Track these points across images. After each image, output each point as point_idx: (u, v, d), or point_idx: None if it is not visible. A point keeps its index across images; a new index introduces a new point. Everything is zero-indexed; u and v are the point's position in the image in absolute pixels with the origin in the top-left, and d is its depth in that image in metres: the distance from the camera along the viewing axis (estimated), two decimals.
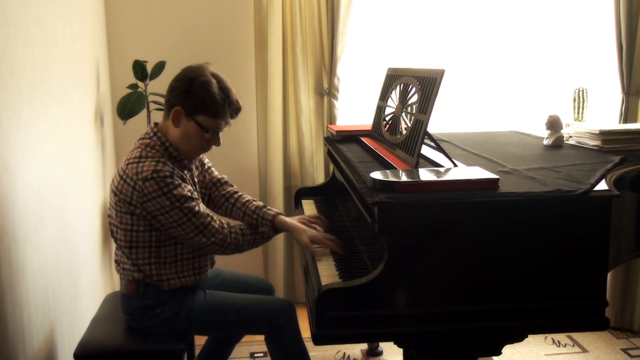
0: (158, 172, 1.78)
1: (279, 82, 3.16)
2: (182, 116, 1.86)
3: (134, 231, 1.86)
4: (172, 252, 1.91)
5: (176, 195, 1.79)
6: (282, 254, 3.31)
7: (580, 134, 2.50)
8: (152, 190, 1.78)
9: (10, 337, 1.67)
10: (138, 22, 3.21)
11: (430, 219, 1.58)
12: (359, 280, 1.57)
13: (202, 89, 1.82)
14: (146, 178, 1.77)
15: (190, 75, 1.85)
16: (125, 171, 1.83)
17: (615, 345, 2.95)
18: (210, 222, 1.88)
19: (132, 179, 1.80)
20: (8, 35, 1.71)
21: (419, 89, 1.95)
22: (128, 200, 1.81)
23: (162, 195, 1.78)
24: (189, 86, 1.83)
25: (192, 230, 1.85)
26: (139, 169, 1.79)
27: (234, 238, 1.94)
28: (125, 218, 1.85)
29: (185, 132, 1.87)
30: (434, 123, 2.95)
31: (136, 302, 1.93)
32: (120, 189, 1.82)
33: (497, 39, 3.42)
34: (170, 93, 1.88)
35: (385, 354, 2.85)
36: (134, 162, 1.82)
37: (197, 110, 1.84)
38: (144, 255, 1.89)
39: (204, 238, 1.87)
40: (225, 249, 1.94)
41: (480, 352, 1.68)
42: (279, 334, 1.98)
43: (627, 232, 1.99)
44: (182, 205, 1.81)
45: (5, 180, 1.67)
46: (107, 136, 3.07)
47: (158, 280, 1.91)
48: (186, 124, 1.86)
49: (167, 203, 1.79)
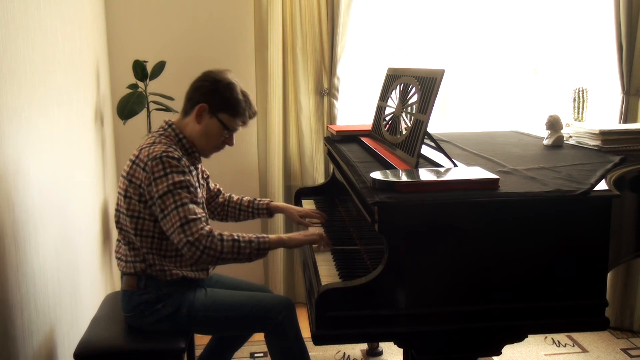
0: (167, 153, 1.85)
1: (279, 82, 3.16)
2: (205, 113, 1.96)
3: (140, 218, 1.89)
4: (173, 245, 1.91)
5: (175, 180, 1.82)
6: (282, 254, 3.32)
7: (580, 134, 2.51)
8: (158, 169, 1.83)
9: (10, 337, 1.68)
10: (138, 22, 3.22)
11: (430, 219, 1.58)
12: (359, 280, 1.57)
13: (227, 90, 1.95)
14: (155, 157, 1.84)
15: (215, 77, 1.97)
16: (138, 156, 1.91)
17: (615, 345, 2.95)
18: (195, 221, 1.79)
19: (142, 160, 1.87)
20: (8, 35, 1.71)
21: (419, 89, 1.95)
22: (138, 184, 1.87)
23: (164, 176, 1.82)
24: (215, 86, 1.95)
25: (175, 222, 1.78)
26: (151, 151, 1.87)
27: (211, 242, 1.80)
28: (132, 204, 1.89)
29: (206, 128, 1.97)
30: (434, 123, 2.95)
31: (137, 298, 1.94)
32: (132, 173, 1.89)
33: (497, 39, 3.42)
34: (194, 91, 1.98)
35: (385, 354, 2.85)
36: (147, 146, 1.91)
37: (221, 108, 1.95)
38: (147, 244, 1.91)
39: (182, 234, 1.78)
40: (201, 252, 1.79)
41: (480, 352, 1.68)
42: (279, 331, 1.99)
43: (627, 232, 1.99)
44: (174, 190, 1.81)
45: (5, 180, 1.67)
46: (107, 136, 3.07)
47: (160, 270, 1.92)
48: (208, 121, 1.96)
49: (164, 185, 1.82)
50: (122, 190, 1.93)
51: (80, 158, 2.51)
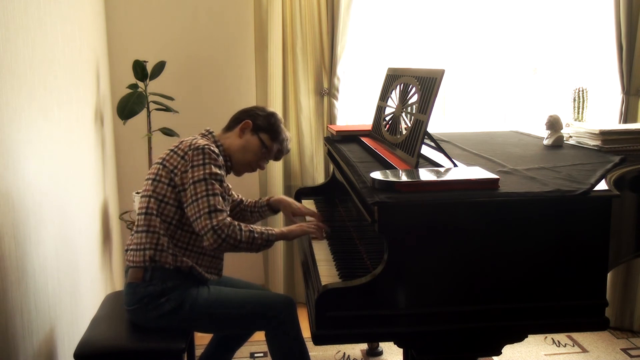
0: (209, 146, 1.99)
1: (279, 82, 3.16)
2: (248, 129, 2.14)
3: (164, 202, 1.98)
4: (186, 238, 2.00)
5: (211, 171, 1.95)
6: (282, 254, 3.32)
7: (580, 134, 2.51)
8: (198, 159, 1.95)
9: (10, 336, 1.68)
10: (138, 22, 3.22)
11: (430, 219, 1.58)
12: (359, 280, 1.57)
13: (272, 117, 2.19)
14: (197, 147, 1.97)
15: (265, 108, 2.23)
16: (178, 146, 2.02)
17: (615, 345, 2.95)
18: (222, 212, 1.92)
19: (183, 150, 1.99)
20: (8, 35, 1.71)
21: (419, 89, 1.96)
22: (171, 169, 1.98)
23: (201, 166, 1.94)
24: (263, 112, 2.19)
25: (203, 208, 1.90)
26: (194, 143, 2.00)
27: (232, 231, 1.90)
28: (160, 187, 1.98)
29: (246, 143, 2.14)
30: (434, 123, 2.95)
31: (142, 290, 1.95)
32: (168, 160, 2.00)
33: (497, 39, 3.43)
34: (242, 113, 2.19)
35: (385, 354, 2.85)
36: (190, 139, 2.04)
37: (263, 129, 2.15)
38: (164, 227, 1.98)
39: (208, 220, 1.89)
40: (222, 240, 1.89)
41: (480, 352, 1.69)
42: (280, 330, 2.00)
43: (627, 232, 1.99)
44: (209, 180, 1.93)
45: (5, 179, 1.67)
46: (107, 136, 3.07)
47: (172, 254, 1.96)
48: (249, 137, 2.14)
49: (200, 173, 1.93)
50: (153, 174, 2.02)
51: (80, 158, 2.51)
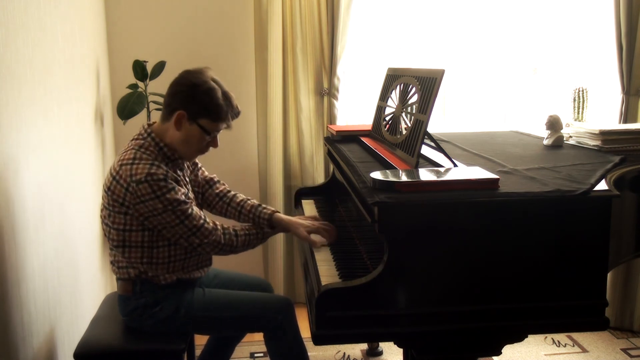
0: (152, 175, 1.78)
1: (279, 82, 3.16)
2: (184, 120, 1.87)
3: (126, 231, 1.86)
4: (165, 253, 1.91)
5: (169, 199, 1.80)
6: (282, 254, 3.31)
7: (580, 134, 2.50)
8: (146, 192, 1.78)
9: (10, 337, 1.68)
10: (138, 22, 3.21)
11: (430, 219, 1.58)
12: (359, 280, 1.57)
13: (206, 95, 1.84)
14: (140, 181, 1.78)
15: (193, 81, 1.86)
16: (118, 172, 1.83)
17: (615, 345, 2.95)
18: (203, 225, 1.88)
19: (125, 180, 1.80)
20: (8, 35, 1.71)
21: (419, 89, 1.95)
22: (120, 201, 1.82)
23: (155, 198, 1.79)
24: (192, 91, 1.84)
25: (185, 232, 1.86)
26: (133, 171, 1.80)
27: (228, 239, 1.94)
28: (118, 217, 1.85)
29: (186, 135, 1.89)
30: (434, 123, 2.95)
31: (134, 302, 1.93)
32: (113, 190, 1.82)
33: (497, 39, 3.42)
34: (171, 97, 1.88)
35: (385, 354, 2.85)
36: (128, 163, 1.82)
37: (200, 114, 1.86)
38: (136, 255, 1.89)
39: (197, 239, 1.88)
40: (219, 250, 1.94)
41: (480, 352, 1.68)
42: (278, 331, 1.99)
43: (627, 232, 1.99)
44: (175, 208, 1.81)
45: (5, 180, 1.67)
46: (107, 136, 3.07)
47: (153, 276, 1.92)
48: (188, 127, 1.88)
49: (160, 206, 1.80)
50: (105, 203, 1.88)
51: (80, 158, 2.51)
